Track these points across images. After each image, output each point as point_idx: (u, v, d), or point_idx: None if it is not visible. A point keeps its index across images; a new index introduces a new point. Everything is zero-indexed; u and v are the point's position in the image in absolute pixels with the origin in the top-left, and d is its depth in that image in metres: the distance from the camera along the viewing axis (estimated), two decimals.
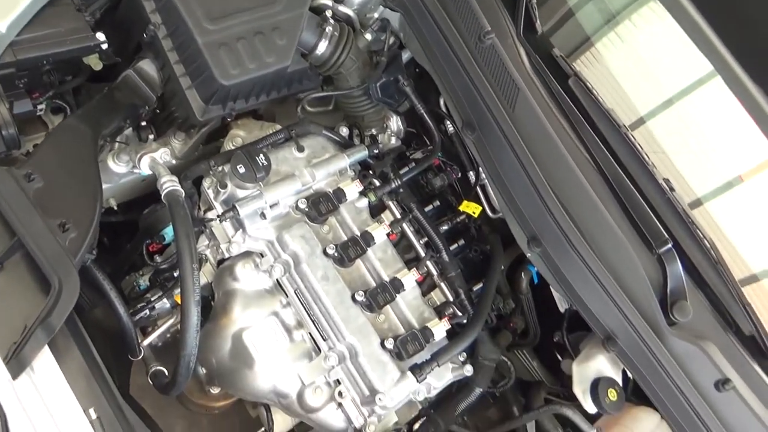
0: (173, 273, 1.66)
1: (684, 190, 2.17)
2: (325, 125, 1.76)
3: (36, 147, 1.42)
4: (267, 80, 1.62)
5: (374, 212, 1.71)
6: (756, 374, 1.49)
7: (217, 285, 1.57)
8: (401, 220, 1.68)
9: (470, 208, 1.79)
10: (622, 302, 1.46)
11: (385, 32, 1.76)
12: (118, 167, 1.65)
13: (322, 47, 1.69)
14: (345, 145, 1.77)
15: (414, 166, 1.76)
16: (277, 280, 1.54)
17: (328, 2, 1.76)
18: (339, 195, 1.62)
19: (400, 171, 1.73)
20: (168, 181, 1.46)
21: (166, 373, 1.55)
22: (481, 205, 1.79)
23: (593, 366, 1.56)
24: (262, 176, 1.51)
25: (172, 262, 1.65)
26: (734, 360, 1.48)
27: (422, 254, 1.69)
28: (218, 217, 1.52)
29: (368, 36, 1.77)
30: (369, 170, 1.76)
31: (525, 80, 1.58)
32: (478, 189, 1.80)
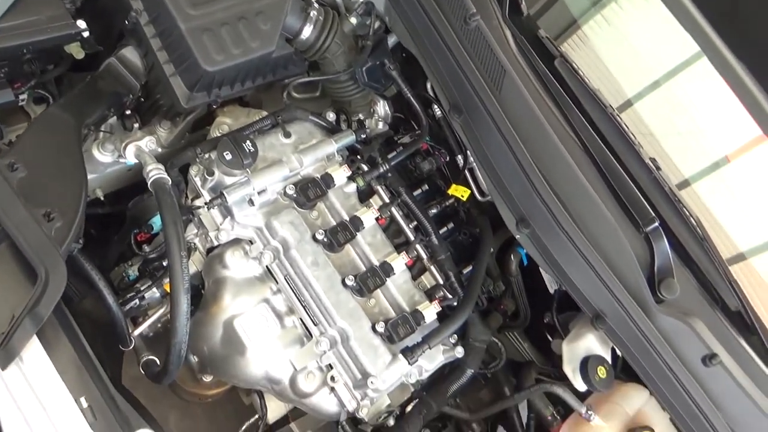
0: (162, 262, 1.65)
1: (671, 171, 2.19)
2: (312, 111, 1.75)
3: (18, 137, 1.41)
4: (252, 66, 1.61)
5: (363, 197, 1.71)
6: (742, 349, 1.52)
7: (207, 273, 1.57)
8: (390, 205, 1.69)
9: (459, 192, 1.79)
10: (610, 281, 1.47)
11: (370, 16, 1.75)
12: (104, 157, 1.63)
13: (307, 32, 1.67)
14: (332, 131, 1.76)
15: (402, 150, 1.76)
16: (267, 267, 1.53)
17: None
18: (327, 180, 1.62)
19: (388, 155, 1.73)
20: (154, 169, 1.45)
21: (158, 363, 1.55)
22: (470, 189, 1.79)
23: (582, 345, 1.57)
24: (249, 163, 1.50)
25: (161, 251, 1.64)
26: (721, 335, 1.50)
27: (412, 238, 1.70)
28: (206, 205, 1.51)
29: (353, 20, 1.76)
30: (357, 155, 1.76)
31: (511, 62, 1.57)
32: (467, 172, 1.80)
